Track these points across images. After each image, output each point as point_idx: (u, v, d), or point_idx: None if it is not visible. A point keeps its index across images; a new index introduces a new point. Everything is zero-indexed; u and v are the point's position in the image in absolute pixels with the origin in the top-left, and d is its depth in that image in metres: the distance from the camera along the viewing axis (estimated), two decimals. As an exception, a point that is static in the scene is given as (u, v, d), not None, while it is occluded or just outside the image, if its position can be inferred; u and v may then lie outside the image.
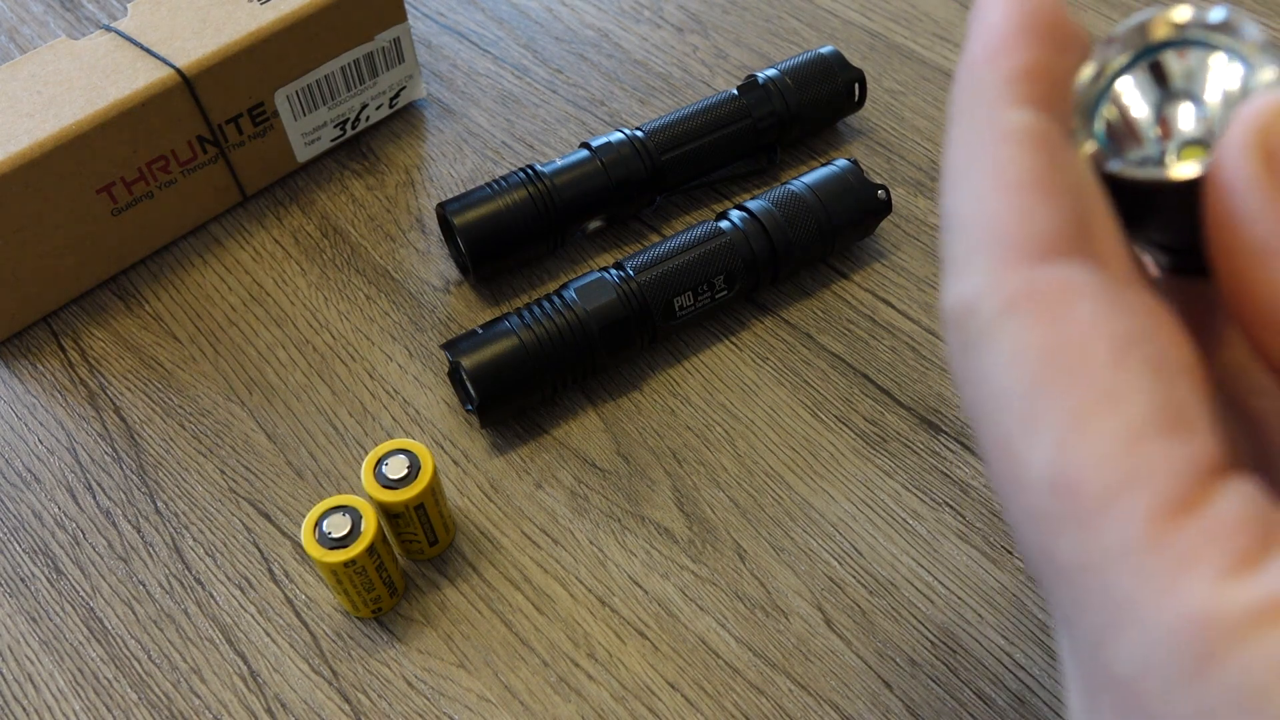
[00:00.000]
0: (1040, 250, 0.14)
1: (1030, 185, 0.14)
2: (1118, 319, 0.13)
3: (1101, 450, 0.13)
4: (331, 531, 0.28)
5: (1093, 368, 0.13)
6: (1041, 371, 0.14)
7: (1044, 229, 0.14)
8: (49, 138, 0.35)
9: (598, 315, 0.34)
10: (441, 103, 0.46)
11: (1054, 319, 0.14)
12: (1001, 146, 0.15)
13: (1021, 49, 0.15)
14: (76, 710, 0.30)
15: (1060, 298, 0.14)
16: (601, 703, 0.30)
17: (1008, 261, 0.14)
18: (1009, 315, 0.14)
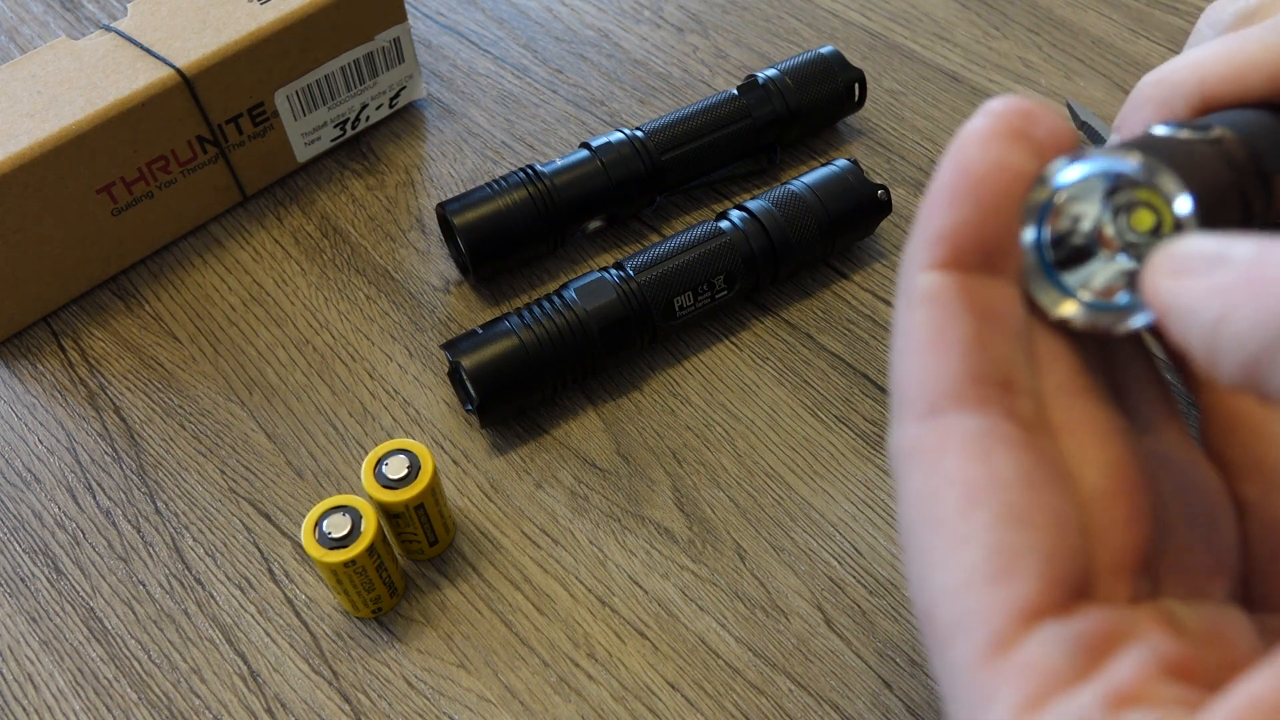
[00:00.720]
0: (927, 407, 0.16)
1: (926, 345, 0.17)
2: (976, 469, 0.16)
3: (943, 591, 0.15)
4: (331, 531, 0.28)
5: (945, 516, 0.16)
6: (917, 516, 0.16)
7: (929, 387, 0.16)
8: (49, 138, 0.35)
9: (598, 315, 0.34)
10: (441, 103, 0.46)
11: (928, 469, 0.16)
12: (910, 311, 0.17)
13: (942, 212, 0.17)
14: (76, 710, 0.30)
15: (936, 450, 0.16)
16: (601, 703, 0.30)
17: (910, 416, 0.17)
18: (905, 464, 0.16)
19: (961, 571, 0.15)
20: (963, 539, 0.15)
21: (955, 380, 0.16)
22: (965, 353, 0.16)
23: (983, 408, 0.16)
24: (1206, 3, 0.49)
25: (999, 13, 0.49)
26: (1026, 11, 0.49)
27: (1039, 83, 0.45)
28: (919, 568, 0.16)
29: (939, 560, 0.16)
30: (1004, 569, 0.15)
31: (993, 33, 0.48)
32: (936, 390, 0.16)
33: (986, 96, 0.45)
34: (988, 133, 0.17)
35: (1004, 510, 0.15)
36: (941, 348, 0.16)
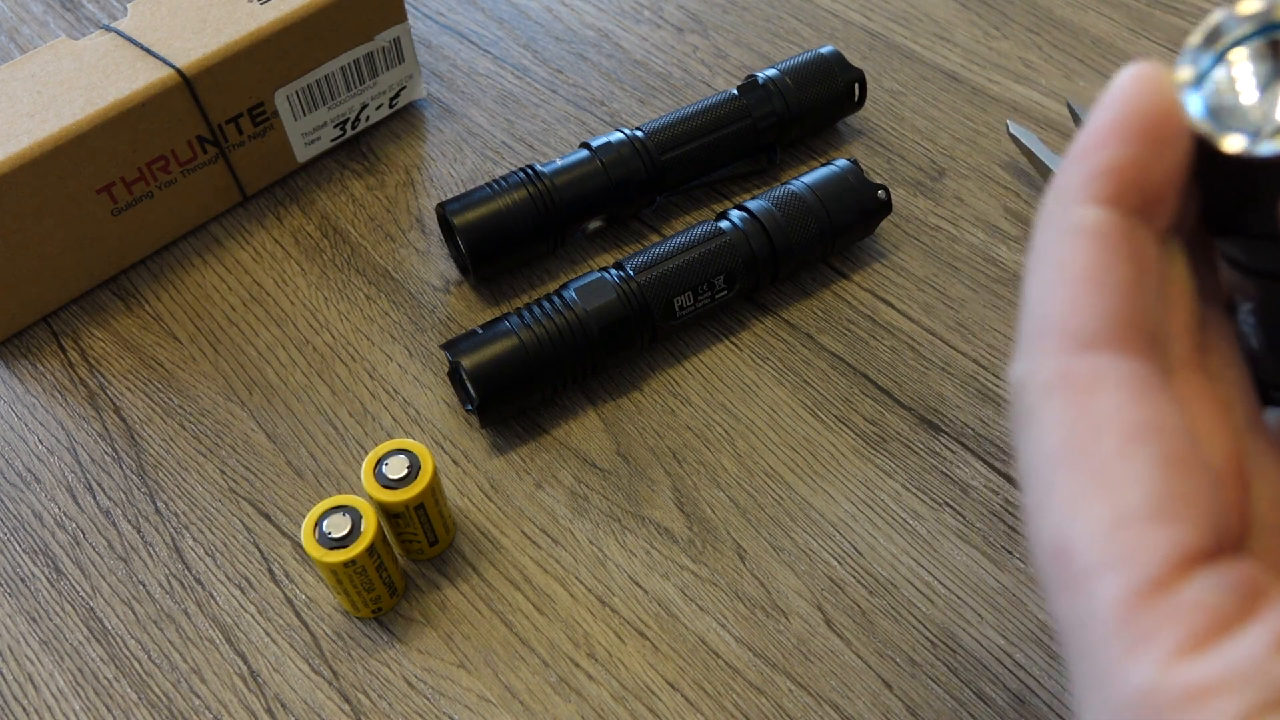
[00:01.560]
0: (1082, 341, 0.16)
1: (1083, 280, 0.16)
2: (1137, 411, 0.15)
3: (1093, 529, 0.15)
4: (331, 531, 0.28)
5: (1102, 453, 0.15)
6: (1060, 450, 0.15)
7: (1087, 321, 0.16)
8: (49, 138, 0.35)
9: (598, 315, 0.34)
10: (441, 103, 0.46)
11: (1079, 405, 0.15)
12: (1069, 240, 0.16)
13: (1111, 147, 0.16)
14: (76, 710, 0.30)
15: (1088, 387, 0.16)
16: (601, 703, 0.30)
17: (1053, 348, 0.16)
18: (1045, 396, 0.16)
19: (1117, 511, 0.15)
20: (1121, 478, 0.15)
21: (1115, 320, 0.16)
22: (1126, 296, 0.16)
23: (1140, 354, 0.16)
24: (1206, 3, 0.49)
25: (999, 13, 0.49)
26: (1026, 11, 0.49)
27: (1039, 83, 0.45)
28: (1057, 503, 0.15)
29: (1088, 497, 0.15)
30: (1166, 512, 0.14)
31: (993, 33, 0.48)
32: (1093, 326, 0.16)
33: (986, 96, 0.45)
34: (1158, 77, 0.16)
35: (1166, 454, 0.15)
36: (1103, 285, 0.16)
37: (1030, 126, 0.43)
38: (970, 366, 0.36)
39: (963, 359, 0.37)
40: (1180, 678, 0.14)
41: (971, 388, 0.36)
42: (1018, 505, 0.33)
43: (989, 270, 0.39)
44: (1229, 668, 0.13)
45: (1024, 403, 0.16)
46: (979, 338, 0.37)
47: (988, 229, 0.40)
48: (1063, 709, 0.29)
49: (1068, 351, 0.16)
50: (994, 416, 0.35)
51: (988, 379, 0.36)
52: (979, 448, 0.34)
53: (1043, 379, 0.16)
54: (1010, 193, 0.42)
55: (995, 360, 0.37)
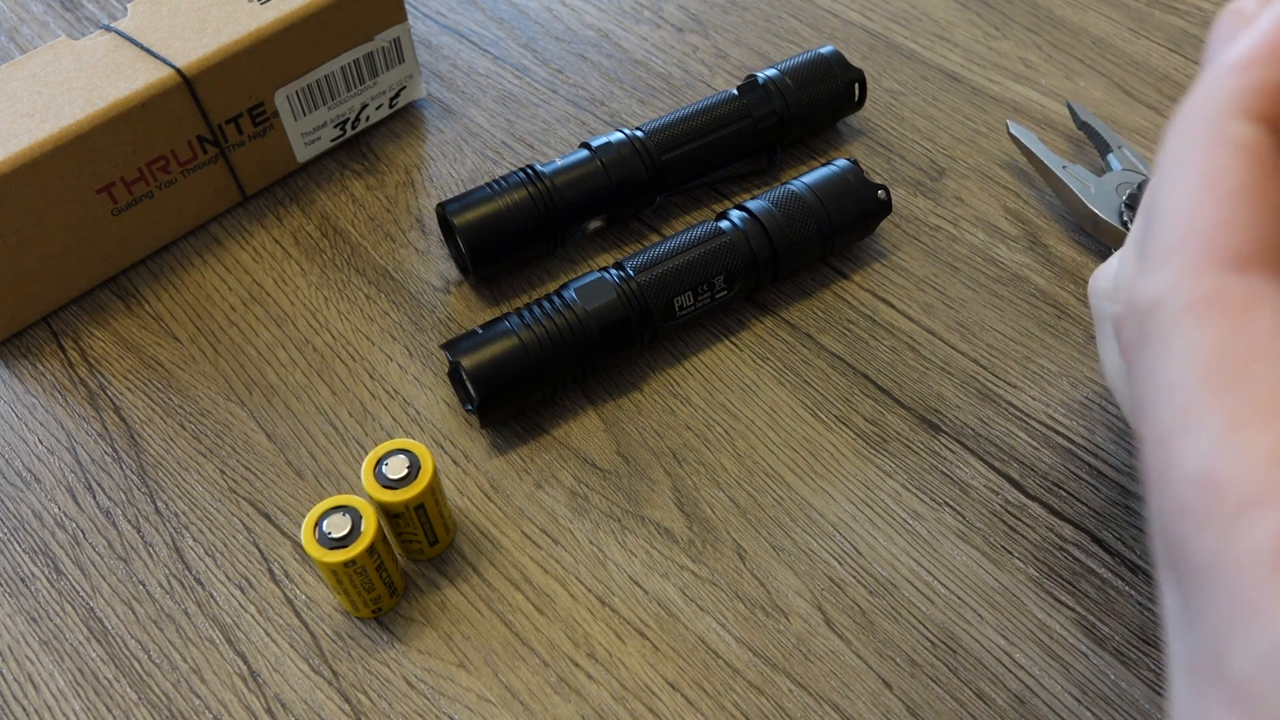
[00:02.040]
0: (1236, 259, 0.15)
1: (1239, 195, 0.15)
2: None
3: (1254, 457, 0.13)
4: (331, 531, 0.28)
5: (1261, 378, 0.14)
6: (1211, 373, 0.14)
7: (1243, 240, 0.15)
8: (49, 138, 0.35)
9: (598, 315, 0.34)
10: (441, 103, 0.46)
11: (1234, 326, 0.14)
12: (1220, 152, 0.15)
13: (1268, 67, 0.15)
14: (76, 710, 0.30)
15: (1245, 307, 0.14)
16: (601, 703, 0.30)
17: (1202, 264, 0.15)
18: (1192, 315, 0.15)
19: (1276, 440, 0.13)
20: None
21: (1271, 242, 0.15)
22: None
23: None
24: (1206, 3, 0.49)
25: (999, 13, 0.49)
26: (1026, 11, 0.49)
27: (1039, 83, 0.45)
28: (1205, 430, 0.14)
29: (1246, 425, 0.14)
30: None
31: (993, 33, 0.48)
32: (1249, 245, 0.15)
33: (986, 96, 0.45)
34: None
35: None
36: (1260, 205, 0.15)
37: (1030, 126, 0.43)
38: (970, 366, 0.36)
39: (963, 359, 0.37)
40: None
41: (971, 388, 0.36)
42: (1018, 505, 0.33)
43: (989, 270, 0.39)
44: None
45: (1156, 323, 0.15)
46: (979, 338, 0.37)
47: (988, 229, 0.40)
48: (1063, 709, 0.29)
49: (1220, 269, 0.15)
50: (994, 417, 0.35)
51: (988, 379, 0.36)
52: (979, 448, 0.34)
53: (1187, 296, 0.15)
54: (1010, 193, 0.42)
55: (995, 360, 0.37)
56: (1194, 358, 0.14)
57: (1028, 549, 0.32)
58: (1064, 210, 0.41)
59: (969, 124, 0.44)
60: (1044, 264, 0.39)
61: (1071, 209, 0.39)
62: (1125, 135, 0.43)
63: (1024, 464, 0.34)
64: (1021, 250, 0.40)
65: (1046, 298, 0.38)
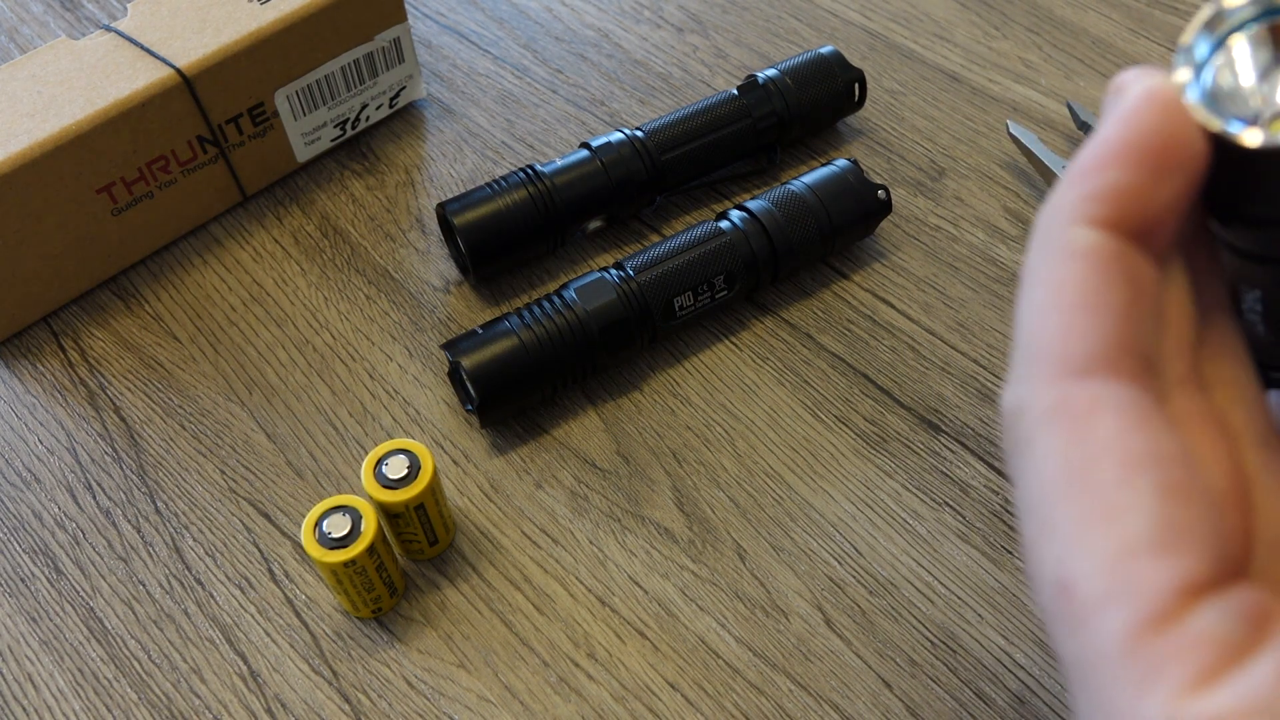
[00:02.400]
0: (1079, 366, 0.15)
1: (1080, 304, 0.15)
2: (1136, 438, 0.15)
3: (1095, 562, 0.14)
4: (331, 531, 0.28)
5: (1102, 483, 0.14)
6: (1060, 481, 0.15)
7: (1084, 347, 0.15)
8: (49, 138, 0.35)
9: (598, 315, 0.34)
10: (441, 103, 0.46)
11: (1078, 433, 0.15)
12: (1063, 263, 0.16)
13: (1111, 170, 0.16)
14: (76, 710, 0.30)
15: (1088, 414, 0.15)
16: (601, 703, 0.30)
17: (1049, 374, 0.15)
18: (1042, 425, 0.15)
19: (1120, 542, 0.14)
20: (1122, 508, 0.14)
21: (1111, 345, 0.15)
22: (1122, 319, 0.15)
23: (1137, 379, 0.15)
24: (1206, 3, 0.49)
25: (999, 13, 0.49)
26: (1026, 11, 0.49)
27: (1039, 83, 0.45)
28: (1058, 536, 0.15)
29: (1089, 529, 0.14)
30: (1169, 542, 0.14)
31: (993, 33, 0.48)
32: (1089, 352, 0.15)
33: (986, 96, 0.45)
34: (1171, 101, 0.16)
35: (1168, 483, 0.14)
36: (1098, 309, 0.15)
37: (1030, 126, 0.43)
38: (970, 366, 0.36)
39: (963, 359, 0.37)
40: (1193, 713, 0.13)
41: (971, 388, 0.36)
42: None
43: (989, 270, 0.39)
44: (1243, 699, 0.13)
45: (1019, 431, 0.16)
46: (979, 338, 0.37)
47: (988, 229, 0.40)
48: (1063, 709, 0.29)
49: (1063, 378, 0.15)
50: (994, 416, 0.35)
51: (988, 379, 0.36)
52: (979, 448, 0.34)
53: (1039, 407, 0.16)
54: (1010, 193, 0.42)
55: (995, 360, 0.37)
56: (1046, 466, 0.15)
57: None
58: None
59: (969, 124, 0.44)
60: (1044, 264, 0.39)
61: (1071, 209, 0.39)
62: (1125, 135, 0.43)
63: (1024, 464, 0.34)
64: (1021, 250, 0.40)
65: (1046, 298, 0.38)
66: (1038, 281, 0.16)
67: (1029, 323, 0.16)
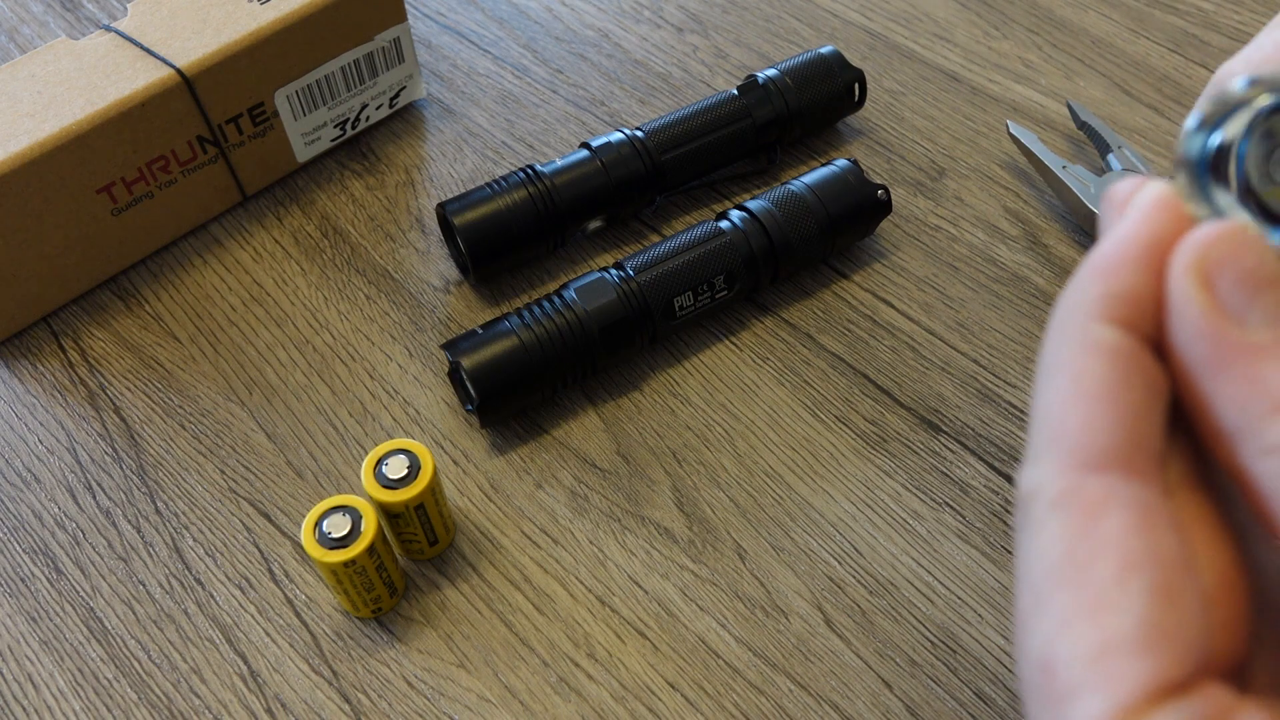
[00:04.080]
0: (1095, 460, 0.16)
1: (1099, 398, 0.16)
2: (1138, 538, 0.16)
3: (1080, 650, 0.15)
4: (331, 531, 0.28)
5: (1099, 577, 0.15)
6: (1061, 567, 0.16)
7: (1101, 441, 0.16)
8: (49, 138, 0.35)
9: (598, 315, 0.34)
10: (441, 103, 0.46)
11: (1085, 525, 0.16)
12: (1085, 356, 0.17)
13: (1127, 274, 0.17)
14: (76, 710, 0.30)
15: (1097, 508, 0.16)
16: (601, 703, 0.30)
17: (1066, 463, 0.16)
18: (1054, 511, 0.16)
19: (1105, 636, 0.15)
20: (1113, 605, 0.15)
21: (1126, 442, 0.16)
22: (1138, 417, 0.16)
23: (1147, 479, 0.16)
24: (1206, 3, 0.49)
25: (999, 13, 0.49)
26: (1026, 11, 0.49)
27: (1039, 82, 0.45)
28: (1044, 625, 0.16)
29: (1079, 618, 0.15)
30: (1152, 643, 0.15)
31: (993, 33, 0.48)
32: (1104, 447, 0.16)
33: (986, 96, 0.45)
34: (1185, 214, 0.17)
35: (1161, 586, 0.15)
36: (1117, 406, 0.16)
37: (1030, 126, 0.43)
38: (970, 366, 0.36)
39: (963, 359, 0.37)
40: None
41: (971, 388, 0.36)
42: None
43: (989, 270, 0.39)
44: None
45: (1030, 512, 0.17)
46: (979, 338, 0.37)
47: (988, 229, 0.40)
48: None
49: (1079, 469, 0.16)
50: (994, 417, 0.35)
51: (988, 379, 0.36)
52: (979, 448, 0.34)
53: (1051, 493, 0.16)
54: (1010, 193, 0.42)
55: (995, 360, 0.37)
56: (1048, 551, 0.16)
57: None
58: (1064, 210, 0.41)
59: (969, 124, 0.44)
60: (1044, 264, 0.39)
61: (1071, 209, 0.39)
62: (1125, 135, 0.43)
63: (1024, 464, 0.34)
64: (1021, 250, 0.40)
65: (1046, 298, 0.38)
66: (1058, 370, 0.17)
67: (1049, 409, 0.17)
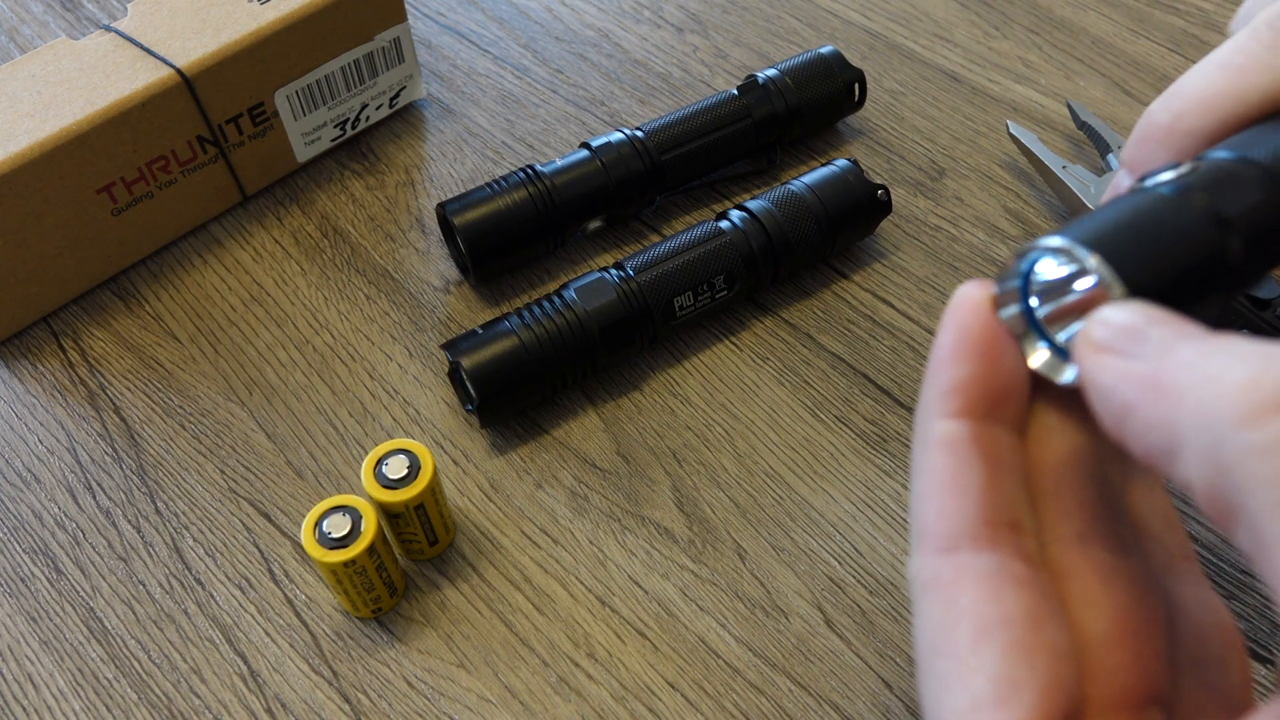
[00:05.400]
0: (947, 542, 0.18)
1: (944, 486, 0.18)
2: (988, 606, 0.17)
3: (952, 713, 0.17)
4: (331, 531, 0.28)
5: (958, 645, 0.17)
6: (933, 642, 0.18)
7: (950, 524, 0.18)
8: (49, 138, 0.35)
9: (598, 315, 0.34)
10: (441, 103, 0.46)
11: (945, 602, 0.18)
12: (929, 453, 0.19)
13: (952, 367, 0.19)
14: (76, 710, 0.30)
15: (952, 585, 0.18)
16: (601, 703, 0.30)
17: (928, 550, 0.18)
18: (924, 594, 0.18)
19: (969, 697, 0.17)
20: (972, 668, 0.17)
21: (971, 521, 0.18)
22: (980, 496, 0.18)
23: (995, 547, 0.18)
24: (1206, 3, 0.49)
25: (999, 13, 0.49)
26: (1026, 11, 0.49)
27: (1039, 82, 0.45)
28: (932, 690, 0.18)
29: (949, 685, 0.17)
30: (1005, 697, 0.17)
31: (993, 33, 0.48)
32: (953, 529, 0.18)
33: (986, 96, 0.45)
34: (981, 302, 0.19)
35: (1009, 645, 0.17)
36: (958, 490, 0.18)
37: (1030, 126, 0.43)
38: (970, 366, 0.36)
39: (963, 359, 0.37)
40: None
41: (971, 388, 0.36)
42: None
43: (989, 270, 0.39)
44: None
45: (912, 598, 0.19)
46: (979, 338, 0.37)
47: (988, 229, 0.40)
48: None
49: (937, 553, 0.18)
50: (994, 416, 0.35)
51: (988, 379, 0.36)
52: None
53: (921, 578, 0.18)
54: (1010, 193, 0.42)
55: (995, 360, 0.37)
56: (924, 629, 0.18)
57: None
58: (1064, 210, 0.41)
59: (969, 124, 0.44)
60: (1044, 264, 0.39)
61: (1071, 209, 0.39)
62: (1125, 135, 0.43)
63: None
64: (1021, 250, 0.40)
65: (1046, 298, 0.38)
66: (916, 471, 0.19)
67: (914, 505, 0.19)
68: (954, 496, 0.18)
